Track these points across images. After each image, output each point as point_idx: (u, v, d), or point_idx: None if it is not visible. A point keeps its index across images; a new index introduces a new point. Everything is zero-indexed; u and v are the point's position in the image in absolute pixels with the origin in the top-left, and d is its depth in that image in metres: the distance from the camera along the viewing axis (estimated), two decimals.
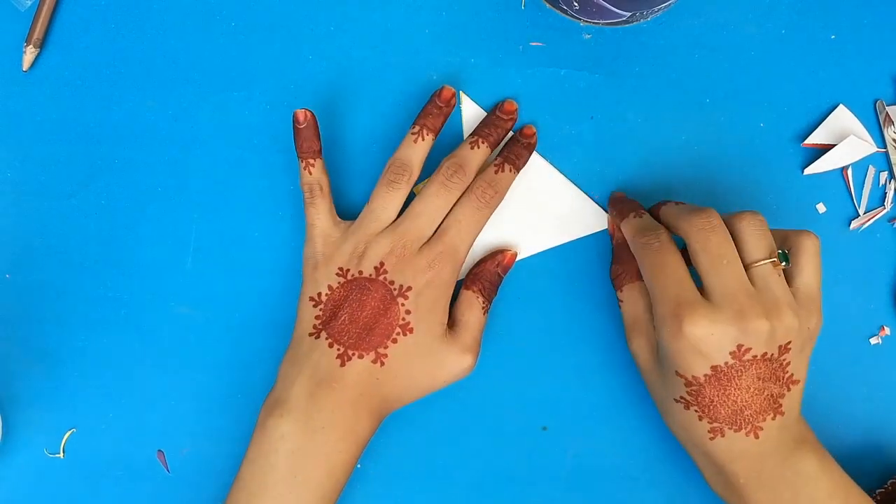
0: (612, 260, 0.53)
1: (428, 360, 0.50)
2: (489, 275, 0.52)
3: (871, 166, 0.54)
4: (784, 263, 0.47)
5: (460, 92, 0.54)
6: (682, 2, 0.54)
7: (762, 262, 0.46)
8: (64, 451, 0.54)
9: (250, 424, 0.53)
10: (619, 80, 0.54)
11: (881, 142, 0.54)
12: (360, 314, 0.49)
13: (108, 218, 0.54)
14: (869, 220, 0.54)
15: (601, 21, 0.53)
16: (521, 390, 0.53)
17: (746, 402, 0.46)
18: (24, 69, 0.55)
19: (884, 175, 0.54)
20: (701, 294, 0.46)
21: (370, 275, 0.49)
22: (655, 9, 0.51)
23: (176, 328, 0.54)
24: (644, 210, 0.51)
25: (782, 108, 0.54)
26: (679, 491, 0.53)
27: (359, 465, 0.53)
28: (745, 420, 0.46)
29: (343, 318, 0.49)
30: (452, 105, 0.52)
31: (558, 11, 0.54)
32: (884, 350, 0.53)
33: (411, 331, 0.49)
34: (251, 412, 0.53)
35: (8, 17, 0.55)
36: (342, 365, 0.48)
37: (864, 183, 0.54)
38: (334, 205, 0.52)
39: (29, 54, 0.54)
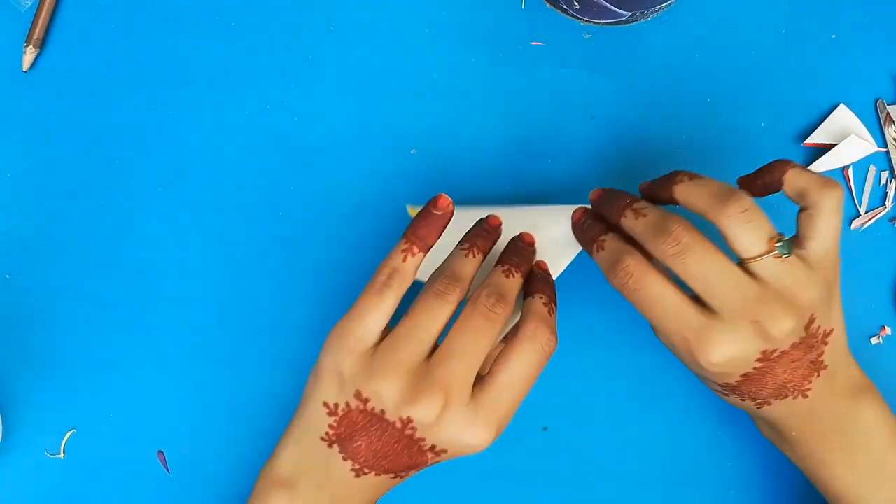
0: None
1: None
2: (539, 274, 0.47)
3: (871, 166, 0.54)
4: (786, 255, 0.42)
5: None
6: (682, 2, 0.54)
7: (761, 257, 0.42)
8: (64, 452, 0.54)
9: (250, 424, 0.53)
10: (619, 80, 0.54)
11: (882, 141, 0.54)
12: (381, 449, 0.43)
13: (108, 218, 0.54)
14: (870, 219, 0.54)
15: (601, 21, 0.53)
16: None
17: (786, 380, 0.44)
18: (24, 69, 0.55)
19: (885, 174, 0.54)
20: (705, 308, 0.43)
21: (395, 421, 0.42)
22: (655, 8, 0.51)
23: (176, 328, 0.54)
24: (604, 232, 0.46)
25: (782, 108, 0.54)
26: (679, 491, 0.53)
27: None
28: (789, 391, 0.44)
29: (360, 444, 0.43)
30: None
31: (558, 11, 0.54)
32: (884, 350, 0.53)
33: (444, 451, 0.43)
34: (251, 412, 0.53)
35: (8, 17, 0.55)
36: (357, 476, 0.44)
37: (864, 182, 0.54)
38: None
39: (29, 54, 0.54)
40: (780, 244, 0.42)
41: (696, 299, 0.43)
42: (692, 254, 0.42)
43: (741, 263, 0.43)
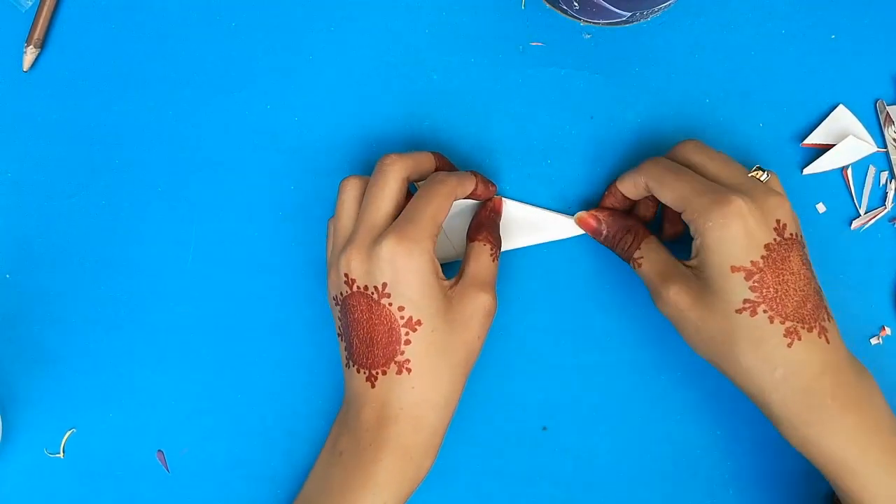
0: (612, 245, 0.52)
1: (452, 330, 0.47)
2: (486, 220, 0.51)
3: (871, 166, 0.54)
4: (763, 175, 0.49)
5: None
6: (681, 2, 0.54)
7: (750, 175, 0.48)
8: (64, 451, 0.54)
9: (250, 424, 0.53)
10: (619, 80, 0.54)
11: (881, 141, 0.54)
12: (363, 332, 0.47)
13: (108, 218, 0.55)
14: (869, 220, 0.54)
15: (601, 21, 0.53)
16: (521, 390, 0.53)
17: (803, 290, 0.46)
18: (24, 69, 0.55)
19: (884, 175, 0.54)
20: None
21: (347, 292, 0.47)
22: (655, 9, 0.51)
23: (176, 328, 0.54)
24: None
25: (782, 108, 0.54)
26: (679, 491, 0.53)
27: None
28: (810, 315, 0.45)
29: (354, 342, 0.47)
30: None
31: (558, 11, 0.54)
32: (884, 350, 0.53)
33: (419, 323, 0.47)
34: (251, 412, 0.53)
35: (8, 17, 0.55)
36: (373, 387, 0.47)
37: (864, 183, 0.54)
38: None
39: (29, 54, 0.54)
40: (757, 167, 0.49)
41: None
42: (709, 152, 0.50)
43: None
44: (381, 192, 0.48)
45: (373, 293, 0.46)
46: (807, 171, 0.54)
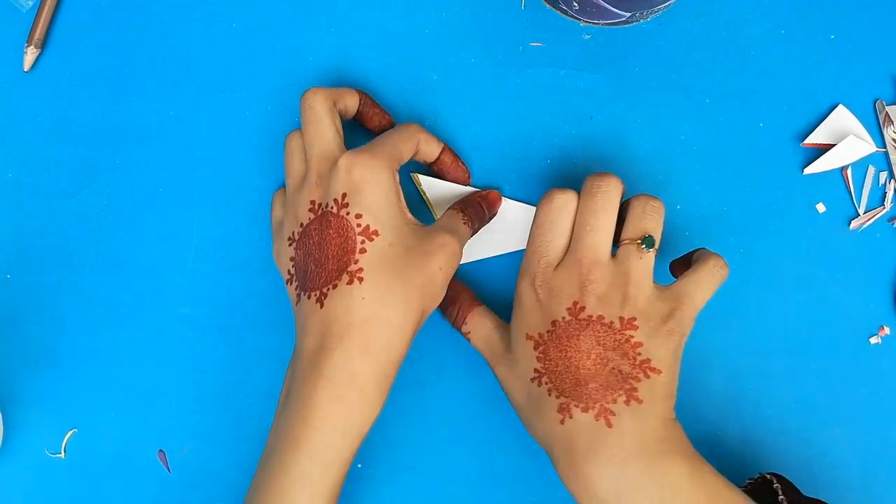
0: (441, 307, 0.51)
1: (410, 254, 0.45)
2: (472, 201, 0.51)
3: (870, 166, 0.54)
4: (645, 247, 0.45)
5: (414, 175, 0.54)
6: (681, 2, 0.54)
7: (627, 242, 0.46)
8: (65, 451, 0.54)
9: (250, 424, 0.53)
10: (619, 80, 0.54)
11: (881, 141, 0.54)
12: (318, 253, 0.46)
13: (108, 218, 0.55)
14: (869, 219, 0.54)
15: (601, 21, 0.53)
16: None
17: (589, 370, 0.44)
18: (24, 69, 0.55)
19: (883, 175, 0.54)
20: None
21: (305, 222, 0.47)
22: (655, 9, 0.51)
23: (176, 328, 0.54)
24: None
25: (782, 108, 0.54)
26: None
27: (359, 465, 0.53)
28: (590, 396, 0.43)
29: (310, 267, 0.46)
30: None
31: (558, 12, 0.54)
32: (884, 350, 0.53)
33: (376, 232, 0.45)
34: (251, 412, 0.53)
35: (9, 17, 0.55)
36: (322, 307, 0.44)
37: (863, 183, 0.54)
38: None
39: (30, 55, 0.54)
40: (646, 237, 0.46)
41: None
42: (596, 200, 0.47)
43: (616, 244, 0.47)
44: (318, 121, 0.48)
45: (332, 207, 0.46)
46: (807, 171, 0.54)
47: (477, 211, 0.51)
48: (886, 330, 0.54)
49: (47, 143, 0.55)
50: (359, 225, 0.45)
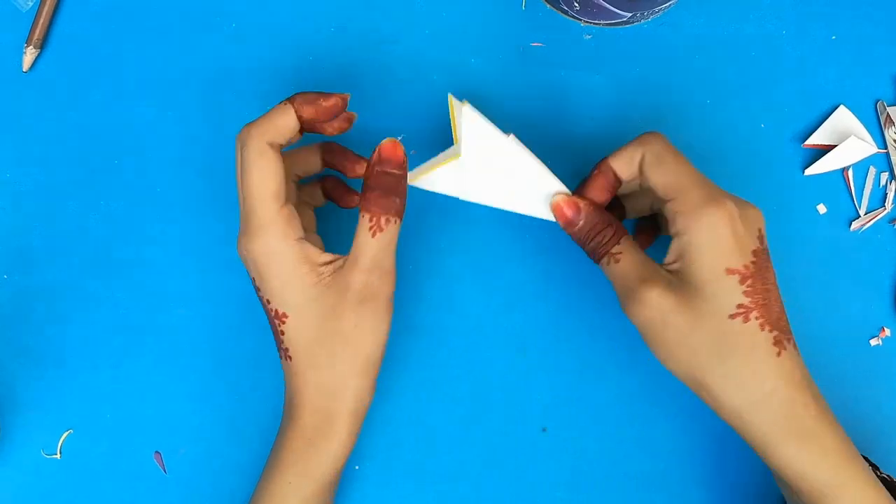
0: (587, 238, 0.47)
1: (326, 317, 0.45)
2: (368, 179, 0.46)
3: (871, 167, 0.54)
4: None
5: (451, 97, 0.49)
6: (682, 2, 0.54)
7: None
8: (61, 452, 0.53)
9: (247, 426, 0.53)
10: (619, 80, 0.54)
11: (882, 142, 0.54)
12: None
13: (107, 218, 0.54)
14: (869, 220, 0.54)
15: (601, 21, 0.53)
16: (521, 390, 0.53)
17: (778, 301, 0.44)
18: (24, 69, 0.55)
19: (884, 176, 0.54)
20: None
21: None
22: (656, 9, 0.51)
23: (173, 329, 0.54)
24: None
25: (783, 109, 0.54)
26: (679, 491, 0.53)
27: (356, 467, 0.53)
28: (787, 328, 0.44)
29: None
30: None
31: (558, 12, 0.54)
32: (884, 351, 0.53)
33: (285, 315, 0.46)
34: (250, 412, 0.53)
35: (8, 17, 0.55)
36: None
37: (864, 184, 0.54)
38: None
39: (29, 55, 0.54)
40: None
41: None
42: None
43: None
44: (243, 173, 0.45)
45: (256, 290, 0.47)
46: (808, 171, 0.54)
47: (381, 189, 0.45)
48: (887, 331, 0.53)
49: (46, 143, 0.55)
50: (272, 310, 0.46)
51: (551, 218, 0.48)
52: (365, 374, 0.46)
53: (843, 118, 0.54)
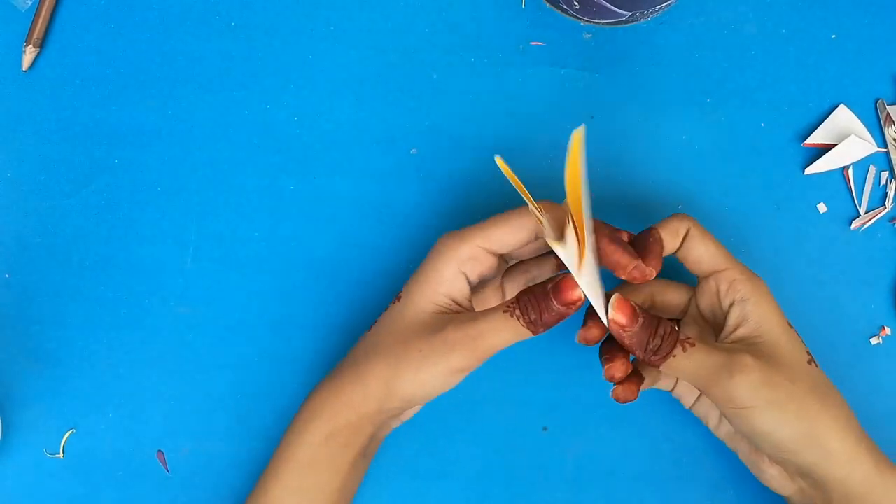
0: (646, 341, 0.43)
1: (400, 337, 0.45)
2: (536, 287, 0.44)
3: (871, 166, 0.54)
4: None
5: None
6: (682, 1, 0.54)
7: None
8: (63, 452, 0.54)
9: (249, 425, 0.53)
10: (619, 80, 0.54)
11: (882, 141, 0.54)
12: None
13: (108, 218, 0.54)
14: (870, 219, 0.54)
15: (601, 21, 0.53)
16: (521, 390, 0.53)
17: None
18: (23, 69, 0.55)
19: (885, 175, 0.54)
20: None
21: None
22: (656, 8, 0.51)
23: (176, 328, 0.54)
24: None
25: (783, 108, 0.54)
26: (679, 491, 0.53)
27: None
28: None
29: None
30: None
31: (558, 11, 0.54)
32: (884, 350, 0.53)
33: (398, 298, 0.47)
34: (251, 412, 0.53)
35: (8, 17, 0.55)
36: None
37: (864, 182, 0.54)
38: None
39: (29, 54, 0.54)
40: None
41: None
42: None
43: None
44: (505, 215, 0.46)
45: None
46: (808, 170, 0.54)
47: (536, 299, 0.43)
48: (887, 330, 0.54)
49: (46, 142, 0.55)
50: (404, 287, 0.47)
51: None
52: (386, 392, 0.45)
53: (842, 117, 0.54)
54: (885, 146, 0.54)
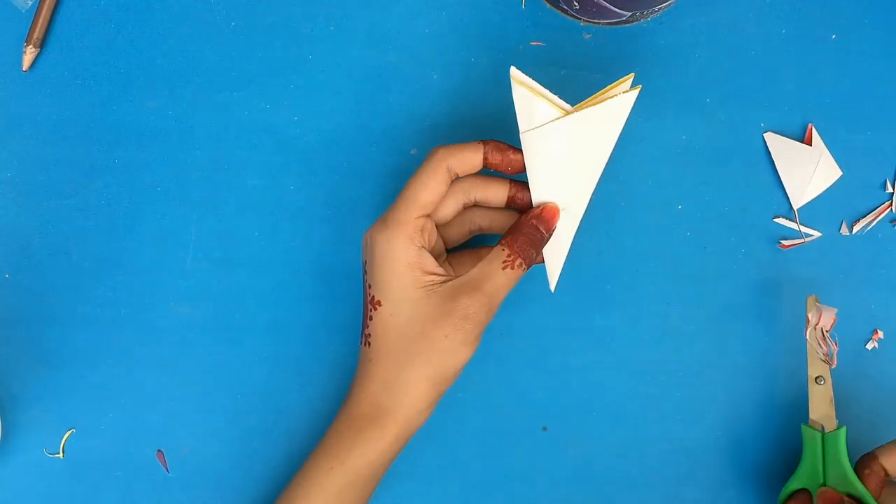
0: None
1: (416, 320, 0.47)
2: (523, 227, 0.48)
3: None
4: None
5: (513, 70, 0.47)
6: (682, 2, 0.54)
7: None
8: (63, 451, 0.54)
9: (248, 425, 0.53)
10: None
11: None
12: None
13: (108, 218, 0.54)
14: (870, 221, 0.54)
15: (601, 21, 0.53)
16: (521, 390, 0.53)
17: None
18: (23, 69, 0.55)
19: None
20: None
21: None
22: (656, 8, 0.51)
23: (175, 328, 0.54)
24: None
25: (782, 108, 0.54)
26: (678, 491, 0.53)
27: None
28: None
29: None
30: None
31: (558, 11, 0.54)
32: (883, 352, 0.53)
33: (379, 303, 0.47)
34: (251, 412, 0.53)
35: (8, 17, 0.55)
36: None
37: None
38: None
39: (29, 54, 0.54)
40: None
41: None
42: None
43: None
44: (412, 179, 0.48)
45: (364, 273, 0.49)
46: (796, 206, 0.54)
47: (529, 239, 0.48)
48: (880, 334, 0.54)
49: (46, 142, 0.55)
50: (370, 294, 0.48)
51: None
52: (433, 385, 0.47)
53: (814, 143, 0.54)
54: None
